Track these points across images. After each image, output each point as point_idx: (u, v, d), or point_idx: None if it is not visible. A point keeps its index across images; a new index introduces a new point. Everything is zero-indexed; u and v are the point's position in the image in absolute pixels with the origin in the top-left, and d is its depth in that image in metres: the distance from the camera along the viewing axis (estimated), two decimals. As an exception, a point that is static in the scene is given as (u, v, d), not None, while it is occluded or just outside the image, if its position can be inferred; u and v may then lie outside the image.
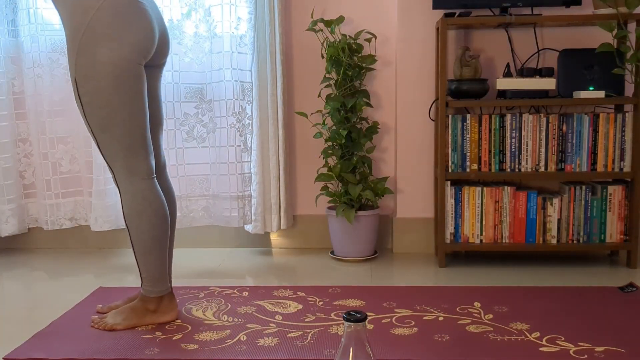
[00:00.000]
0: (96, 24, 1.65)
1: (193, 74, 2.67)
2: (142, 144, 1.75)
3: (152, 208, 1.75)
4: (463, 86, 2.45)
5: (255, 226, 2.70)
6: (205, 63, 2.66)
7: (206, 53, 2.65)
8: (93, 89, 1.67)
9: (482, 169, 2.45)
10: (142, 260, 1.77)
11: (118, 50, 1.66)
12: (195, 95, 2.68)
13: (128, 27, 1.68)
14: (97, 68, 1.66)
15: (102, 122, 1.70)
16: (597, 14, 2.36)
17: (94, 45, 1.65)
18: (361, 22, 2.69)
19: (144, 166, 1.76)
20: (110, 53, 1.65)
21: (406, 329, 1.75)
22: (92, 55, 1.65)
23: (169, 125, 2.67)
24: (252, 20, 2.60)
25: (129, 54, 1.68)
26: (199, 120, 2.69)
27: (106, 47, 1.65)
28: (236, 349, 1.64)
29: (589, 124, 2.41)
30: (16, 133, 2.80)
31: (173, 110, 2.67)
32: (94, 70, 1.66)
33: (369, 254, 2.62)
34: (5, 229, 2.76)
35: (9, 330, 1.83)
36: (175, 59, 2.65)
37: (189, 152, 2.71)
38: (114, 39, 1.65)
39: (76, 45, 1.66)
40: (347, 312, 1.04)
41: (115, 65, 1.66)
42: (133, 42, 1.68)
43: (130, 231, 1.76)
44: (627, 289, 2.09)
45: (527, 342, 1.65)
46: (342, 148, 2.58)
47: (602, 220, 2.43)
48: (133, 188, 1.74)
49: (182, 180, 2.71)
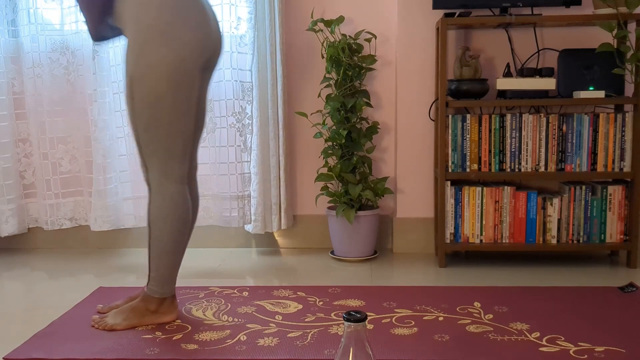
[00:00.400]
0: (157, 22, 1.65)
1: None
2: (182, 148, 1.75)
3: (179, 213, 1.75)
4: (463, 86, 2.45)
5: (256, 226, 2.70)
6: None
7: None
8: (148, 89, 1.67)
9: (482, 169, 2.45)
10: (156, 260, 1.77)
11: (178, 50, 1.66)
12: None
13: (188, 25, 1.68)
14: (156, 69, 1.65)
15: (149, 121, 1.69)
16: (597, 14, 2.36)
17: (156, 45, 1.65)
18: (361, 22, 2.70)
19: (179, 170, 1.76)
20: (170, 54, 1.65)
21: (406, 329, 1.75)
22: (153, 56, 1.65)
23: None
24: (252, 20, 2.60)
25: (189, 54, 1.68)
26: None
27: (167, 47, 1.65)
28: (236, 349, 1.64)
29: (589, 124, 2.41)
30: (16, 133, 2.80)
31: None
32: (152, 70, 1.65)
33: (369, 254, 2.62)
34: (5, 229, 2.76)
35: (9, 330, 1.83)
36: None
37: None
38: (175, 38, 1.65)
39: (138, 44, 1.66)
40: (347, 312, 1.04)
41: (175, 67, 1.66)
42: (193, 41, 1.68)
43: (152, 231, 1.76)
44: (627, 289, 2.09)
45: (527, 342, 1.65)
46: (342, 148, 2.58)
47: (602, 220, 2.43)
48: (165, 190, 1.74)
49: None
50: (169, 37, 1.66)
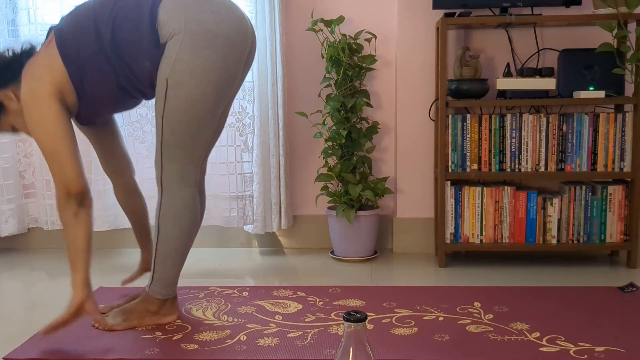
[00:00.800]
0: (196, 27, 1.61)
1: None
2: (200, 153, 1.73)
3: (189, 216, 1.74)
4: (463, 86, 2.45)
5: (256, 226, 2.70)
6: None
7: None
8: (184, 94, 1.62)
9: (482, 169, 2.45)
10: (161, 262, 1.75)
11: (222, 51, 1.63)
12: None
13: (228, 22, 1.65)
14: (195, 74, 1.61)
15: (177, 126, 1.66)
16: (597, 14, 2.36)
17: (198, 49, 1.61)
18: (361, 22, 2.69)
19: (194, 174, 1.74)
20: (215, 56, 1.61)
21: (406, 329, 1.75)
22: (193, 61, 1.61)
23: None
24: (253, 20, 2.60)
25: (233, 55, 1.66)
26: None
27: (210, 48, 1.61)
28: (236, 349, 1.64)
29: (589, 124, 2.41)
30: (16, 133, 2.80)
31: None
32: (193, 76, 1.61)
33: (369, 254, 2.62)
34: (5, 229, 2.76)
35: (9, 330, 1.83)
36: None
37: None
38: (218, 37, 1.62)
39: (175, 50, 1.61)
40: (347, 312, 1.04)
41: (220, 71, 1.63)
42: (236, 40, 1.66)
43: (160, 232, 1.73)
44: (627, 289, 2.09)
45: (527, 342, 1.65)
46: (342, 148, 2.58)
47: (602, 220, 2.43)
48: (179, 193, 1.71)
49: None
50: (212, 37, 1.62)
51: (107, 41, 1.63)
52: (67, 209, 1.64)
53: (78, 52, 1.64)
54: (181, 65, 1.61)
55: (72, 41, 1.65)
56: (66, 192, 1.63)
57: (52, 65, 1.65)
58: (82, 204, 1.65)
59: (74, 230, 1.64)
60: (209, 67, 1.63)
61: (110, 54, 1.64)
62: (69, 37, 1.66)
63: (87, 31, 1.64)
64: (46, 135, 1.63)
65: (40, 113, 1.63)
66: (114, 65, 1.66)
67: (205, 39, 1.62)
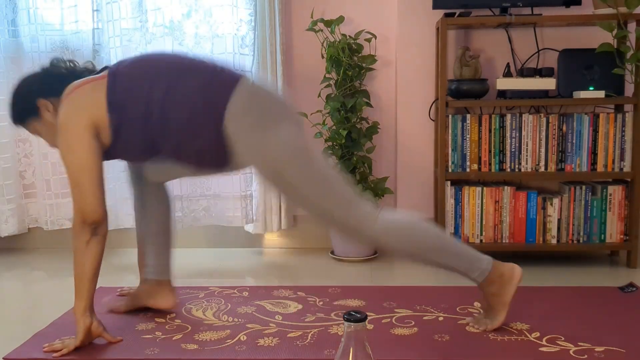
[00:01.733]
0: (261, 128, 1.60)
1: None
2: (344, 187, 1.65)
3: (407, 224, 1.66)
4: (463, 86, 2.45)
5: (256, 226, 2.70)
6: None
7: (207, 54, 2.66)
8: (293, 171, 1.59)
9: (482, 169, 2.45)
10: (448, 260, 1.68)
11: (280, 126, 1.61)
12: None
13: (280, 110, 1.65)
14: (287, 147, 1.59)
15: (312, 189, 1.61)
16: (597, 14, 2.36)
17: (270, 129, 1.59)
18: (361, 22, 2.69)
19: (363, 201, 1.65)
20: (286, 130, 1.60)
21: (406, 329, 1.75)
22: (275, 138, 1.58)
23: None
24: (252, 22, 2.61)
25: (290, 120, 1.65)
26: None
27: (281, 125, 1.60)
28: (236, 349, 1.64)
29: (589, 124, 2.41)
30: (16, 133, 2.80)
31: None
32: (284, 146, 1.59)
33: (369, 254, 2.62)
34: (5, 229, 2.76)
35: (9, 330, 1.83)
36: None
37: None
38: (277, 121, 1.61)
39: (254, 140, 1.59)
40: (347, 312, 1.04)
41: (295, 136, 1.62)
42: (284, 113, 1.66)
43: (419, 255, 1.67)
44: (627, 289, 2.09)
45: (527, 342, 1.65)
46: (342, 148, 2.58)
47: (602, 220, 2.43)
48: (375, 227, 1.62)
49: (184, 180, 2.71)
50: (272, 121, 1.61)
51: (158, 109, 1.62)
52: (81, 236, 1.63)
53: (124, 108, 1.64)
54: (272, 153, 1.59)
55: (122, 95, 1.64)
56: (82, 218, 1.63)
57: (97, 103, 1.64)
58: (95, 232, 1.64)
59: (83, 258, 1.63)
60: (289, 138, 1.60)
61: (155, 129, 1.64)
62: (120, 90, 1.64)
63: (141, 87, 1.63)
64: (74, 162, 1.64)
65: (73, 140, 1.63)
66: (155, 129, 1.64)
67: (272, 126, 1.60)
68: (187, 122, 1.60)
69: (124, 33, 2.66)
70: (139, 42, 2.65)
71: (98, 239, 1.65)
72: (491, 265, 1.69)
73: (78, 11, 2.67)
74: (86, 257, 1.63)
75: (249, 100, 1.61)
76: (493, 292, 1.71)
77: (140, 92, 1.62)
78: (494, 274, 1.69)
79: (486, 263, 1.69)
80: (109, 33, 2.66)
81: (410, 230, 1.65)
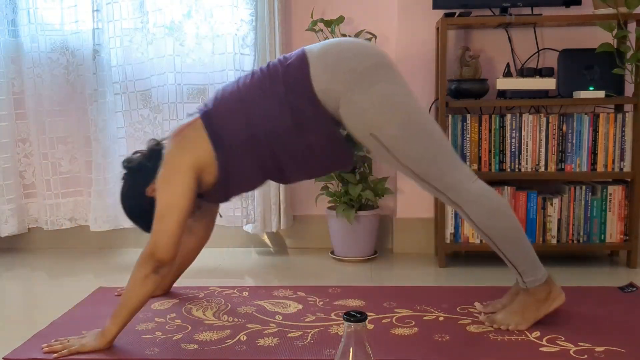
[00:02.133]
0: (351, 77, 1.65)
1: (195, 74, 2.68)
2: (451, 150, 1.71)
3: (501, 202, 1.71)
4: (463, 86, 2.45)
5: (255, 226, 2.70)
6: (207, 64, 2.67)
7: (208, 54, 2.66)
8: (393, 130, 1.64)
9: (482, 169, 2.45)
10: (514, 254, 1.72)
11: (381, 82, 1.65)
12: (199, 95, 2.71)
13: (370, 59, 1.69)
14: (383, 110, 1.63)
15: (416, 153, 1.66)
16: (597, 14, 2.36)
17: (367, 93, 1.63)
18: (361, 22, 2.69)
19: (466, 169, 1.71)
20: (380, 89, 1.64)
21: (406, 329, 1.75)
22: (373, 102, 1.62)
23: (172, 126, 2.68)
24: (253, 22, 2.61)
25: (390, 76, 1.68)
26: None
27: (373, 85, 1.64)
28: (236, 349, 1.64)
29: (589, 124, 2.41)
30: (16, 133, 2.80)
31: (176, 111, 2.68)
32: (383, 114, 1.63)
33: (369, 254, 2.62)
34: (5, 229, 2.76)
35: (9, 330, 1.83)
36: (178, 60, 2.66)
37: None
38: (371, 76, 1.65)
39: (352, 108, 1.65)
40: (347, 312, 1.04)
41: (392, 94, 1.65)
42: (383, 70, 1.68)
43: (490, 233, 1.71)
44: (627, 289, 2.09)
45: (527, 342, 1.65)
46: (342, 148, 2.58)
47: (602, 220, 2.43)
48: (475, 191, 1.68)
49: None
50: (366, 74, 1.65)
51: (261, 130, 1.67)
52: (142, 269, 1.63)
53: (227, 138, 1.68)
54: (369, 114, 1.64)
55: (221, 125, 1.69)
56: (151, 252, 1.63)
57: (200, 143, 1.69)
58: (157, 271, 1.64)
59: (136, 290, 1.63)
60: (385, 95, 1.63)
61: (264, 141, 1.68)
62: (218, 122, 1.70)
63: (237, 119, 1.68)
64: (168, 199, 1.66)
65: (174, 177, 1.67)
66: (266, 150, 1.69)
67: (365, 80, 1.63)
68: (292, 122, 1.65)
69: (125, 33, 2.66)
70: (140, 43, 2.65)
71: (156, 278, 1.65)
72: (545, 278, 1.75)
73: (78, 11, 2.67)
74: (139, 291, 1.63)
75: (324, 62, 1.65)
76: (531, 302, 1.76)
77: (239, 125, 1.68)
78: (544, 287, 1.75)
79: (542, 274, 1.75)
80: (109, 33, 2.65)
81: (497, 208, 1.70)
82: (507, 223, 1.71)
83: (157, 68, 2.66)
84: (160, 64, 2.66)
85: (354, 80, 1.63)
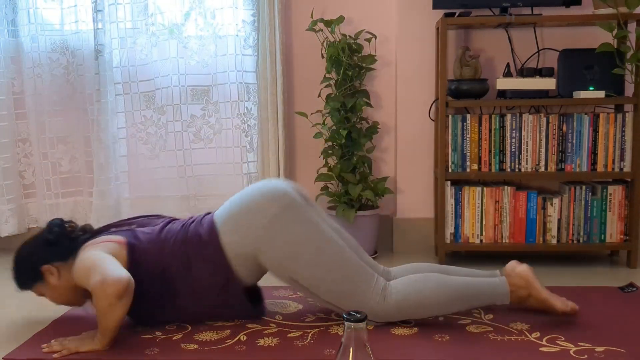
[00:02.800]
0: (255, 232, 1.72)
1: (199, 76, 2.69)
2: (357, 266, 1.74)
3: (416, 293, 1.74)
4: (463, 86, 2.45)
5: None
6: (210, 65, 2.67)
7: (211, 55, 2.67)
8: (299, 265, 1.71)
9: (482, 169, 2.45)
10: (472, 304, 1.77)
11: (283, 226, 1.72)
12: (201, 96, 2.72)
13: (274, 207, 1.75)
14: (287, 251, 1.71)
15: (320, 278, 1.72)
16: (597, 14, 2.36)
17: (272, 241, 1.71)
18: (361, 22, 2.69)
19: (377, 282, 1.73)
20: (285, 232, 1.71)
21: (406, 329, 1.75)
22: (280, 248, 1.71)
23: (176, 127, 2.69)
24: (254, 23, 2.61)
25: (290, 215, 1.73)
26: (205, 121, 2.71)
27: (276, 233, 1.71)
28: (236, 349, 1.64)
29: (589, 124, 2.41)
30: (16, 133, 2.80)
31: (180, 112, 2.69)
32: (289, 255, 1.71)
33: (369, 253, 2.60)
34: (5, 229, 2.76)
35: (9, 330, 1.83)
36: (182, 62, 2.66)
37: (195, 152, 2.72)
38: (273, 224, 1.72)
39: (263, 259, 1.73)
40: (347, 312, 1.04)
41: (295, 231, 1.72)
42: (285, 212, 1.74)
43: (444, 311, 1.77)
44: (627, 289, 2.09)
45: (527, 342, 1.65)
46: (342, 148, 2.58)
47: (602, 220, 2.43)
48: (384, 309, 1.73)
49: (190, 180, 2.72)
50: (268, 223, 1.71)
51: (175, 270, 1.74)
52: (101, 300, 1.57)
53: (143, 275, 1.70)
54: (284, 264, 1.71)
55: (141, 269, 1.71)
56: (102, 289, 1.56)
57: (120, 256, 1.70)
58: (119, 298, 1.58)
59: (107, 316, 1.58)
60: (294, 242, 1.70)
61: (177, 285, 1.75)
62: (141, 252, 1.73)
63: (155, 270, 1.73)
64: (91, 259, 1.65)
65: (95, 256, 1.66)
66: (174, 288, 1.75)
67: (272, 231, 1.70)
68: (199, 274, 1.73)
69: (129, 34, 2.67)
70: (142, 45, 2.66)
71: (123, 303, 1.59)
72: (505, 282, 1.78)
73: (78, 11, 2.68)
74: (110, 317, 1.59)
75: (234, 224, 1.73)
76: (525, 296, 1.79)
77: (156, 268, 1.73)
78: (511, 286, 1.78)
79: (501, 285, 1.77)
80: (111, 34, 2.66)
81: (420, 297, 1.73)
82: (439, 296, 1.74)
83: (161, 70, 2.67)
84: (164, 65, 2.67)
85: (263, 236, 1.70)
